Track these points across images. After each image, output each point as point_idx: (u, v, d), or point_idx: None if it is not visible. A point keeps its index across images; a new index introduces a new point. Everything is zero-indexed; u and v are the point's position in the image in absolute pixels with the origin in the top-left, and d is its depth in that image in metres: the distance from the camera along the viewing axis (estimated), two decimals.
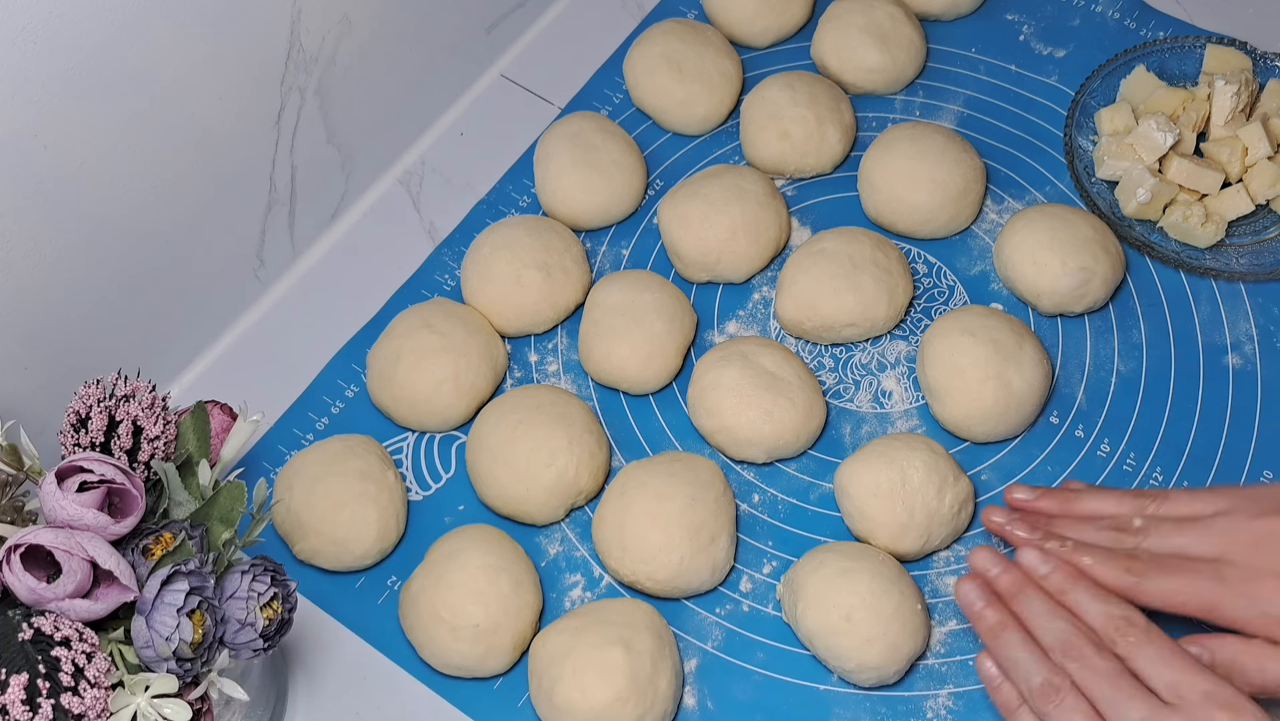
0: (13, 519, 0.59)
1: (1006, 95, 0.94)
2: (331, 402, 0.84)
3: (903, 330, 0.85)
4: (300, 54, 0.81)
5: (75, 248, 0.74)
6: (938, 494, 0.74)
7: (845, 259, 0.82)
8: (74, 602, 0.55)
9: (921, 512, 0.74)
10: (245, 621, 0.59)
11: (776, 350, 0.80)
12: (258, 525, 0.63)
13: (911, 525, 0.74)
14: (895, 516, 0.73)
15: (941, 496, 0.74)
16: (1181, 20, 0.97)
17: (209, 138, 0.78)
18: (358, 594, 0.77)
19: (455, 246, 0.90)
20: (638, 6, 1.01)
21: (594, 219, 0.89)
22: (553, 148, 0.90)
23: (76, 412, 0.61)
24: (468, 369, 0.81)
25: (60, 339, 0.76)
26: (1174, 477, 0.78)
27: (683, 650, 0.75)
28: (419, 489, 0.81)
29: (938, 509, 0.74)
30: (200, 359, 0.87)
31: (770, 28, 0.97)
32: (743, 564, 0.77)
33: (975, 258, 0.88)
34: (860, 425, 0.82)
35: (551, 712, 0.70)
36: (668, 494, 0.74)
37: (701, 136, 0.94)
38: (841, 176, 0.91)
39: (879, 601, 0.70)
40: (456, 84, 0.97)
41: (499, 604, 0.72)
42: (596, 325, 0.82)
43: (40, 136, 0.68)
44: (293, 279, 0.90)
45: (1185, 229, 0.85)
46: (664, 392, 0.83)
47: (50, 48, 0.66)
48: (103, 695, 0.55)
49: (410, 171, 0.94)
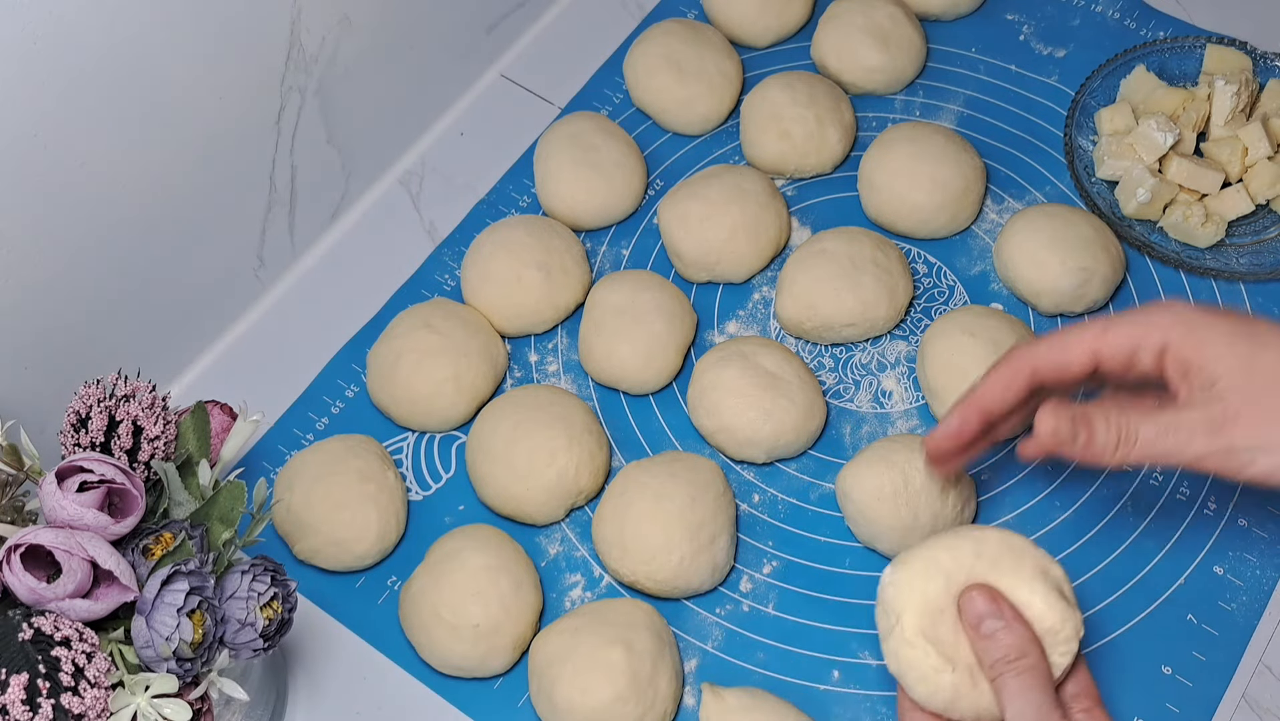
0: (13, 519, 0.59)
1: (1006, 95, 0.94)
2: (331, 403, 0.84)
3: (903, 330, 0.85)
4: (300, 54, 0.81)
5: (75, 248, 0.74)
6: (940, 494, 0.74)
7: (845, 259, 0.82)
8: (74, 602, 0.55)
9: (925, 514, 0.74)
10: (245, 621, 0.59)
11: (776, 350, 0.80)
12: (258, 525, 0.63)
13: (916, 527, 0.74)
14: (899, 519, 0.73)
15: (944, 496, 0.74)
16: (1181, 20, 0.97)
17: (209, 138, 0.78)
18: (358, 594, 0.77)
19: (455, 246, 0.90)
20: (638, 6, 1.01)
21: (594, 219, 0.89)
22: (553, 148, 0.90)
23: (76, 412, 0.61)
24: (468, 369, 0.81)
25: (60, 339, 0.76)
26: (1174, 478, 0.78)
27: (683, 650, 0.75)
28: (419, 489, 0.81)
29: (941, 509, 0.74)
30: (200, 359, 0.87)
31: (770, 28, 0.97)
32: (743, 564, 0.77)
33: (975, 258, 0.88)
34: (860, 425, 0.82)
35: (551, 712, 0.70)
36: (668, 494, 0.74)
37: (701, 136, 0.94)
38: (841, 176, 0.91)
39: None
40: (456, 84, 0.97)
41: (499, 604, 0.72)
42: (597, 325, 0.82)
43: (40, 137, 0.68)
44: (293, 279, 0.90)
45: (1185, 229, 0.85)
46: (664, 393, 0.83)
47: (51, 48, 0.66)
48: (103, 695, 0.55)
49: (410, 171, 0.94)
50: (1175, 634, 0.74)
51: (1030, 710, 0.57)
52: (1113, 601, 0.75)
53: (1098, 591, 0.75)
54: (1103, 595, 0.75)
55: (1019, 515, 0.78)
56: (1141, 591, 0.75)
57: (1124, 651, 0.73)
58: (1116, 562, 0.76)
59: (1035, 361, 0.63)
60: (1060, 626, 0.59)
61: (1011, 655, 0.58)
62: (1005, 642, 0.58)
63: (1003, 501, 0.78)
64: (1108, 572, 0.76)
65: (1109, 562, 0.76)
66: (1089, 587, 0.75)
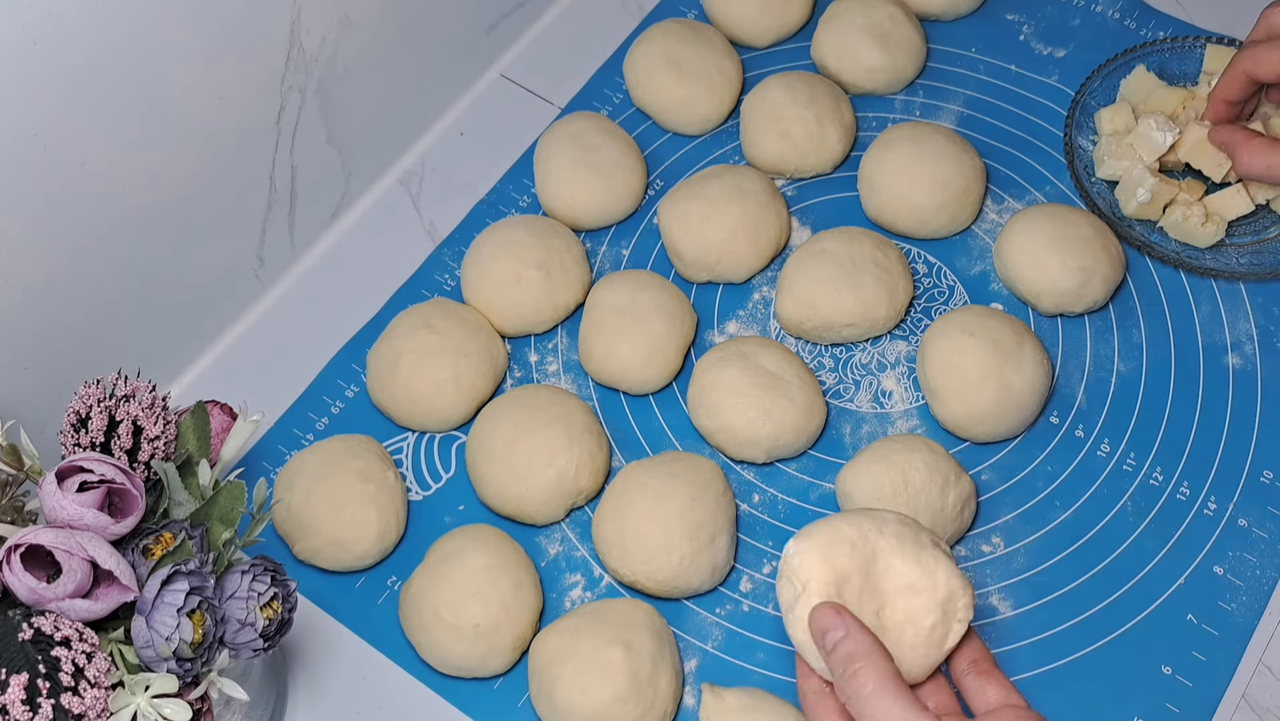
0: (13, 519, 0.59)
1: (1006, 95, 0.94)
2: (331, 403, 0.84)
3: (903, 330, 0.85)
4: (300, 54, 0.81)
5: (75, 248, 0.74)
6: (940, 494, 0.74)
7: (845, 259, 0.82)
8: (74, 602, 0.55)
9: (925, 513, 0.74)
10: (245, 621, 0.59)
11: (776, 350, 0.80)
12: (258, 525, 0.63)
13: None
14: None
15: (944, 496, 0.74)
16: (1181, 20, 0.97)
17: (209, 138, 0.78)
18: (358, 594, 0.78)
19: (455, 246, 0.90)
20: (638, 6, 1.01)
21: (594, 219, 0.89)
22: (553, 148, 0.90)
23: (76, 412, 0.61)
24: (468, 369, 0.81)
25: (60, 339, 0.76)
26: (1174, 478, 0.78)
27: (683, 650, 0.75)
28: (419, 489, 0.81)
29: (941, 508, 0.74)
30: (200, 359, 0.87)
31: (770, 28, 0.97)
32: (743, 564, 0.77)
33: (975, 258, 0.88)
34: (860, 425, 0.82)
35: (551, 712, 0.70)
36: (668, 494, 0.74)
37: (701, 136, 0.94)
38: (841, 176, 0.91)
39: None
40: (456, 84, 0.97)
41: (499, 604, 0.72)
42: (597, 325, 0.82)
43: (40, 137, 0.68)
44: (293, 279, 0.90)
45: (1185, 229, 0.85)
46: (664, 393, 0.83)
47: (51, 48, 0.66)
48: (103, 695, 0.55)
49: (410, 171, 0.94)
50: (1175, 634, 0.74)
51: (895, 712, 0.55)
52: (1113, 601, 0.75)
53: (1098, 591, 0.75)
54: (1103, 595, 0.75)
55: (1019, 515, 0.78)
56: (1141, 591, 0.75)
57: (1124, 651, 0.73)
58: (1116, 562, 0.76)
59: (1250, 67, 0.81)
60: (961, 592, 0.60)
61: (857, 660, 0.56)
62: (847, 650, 0.56)
63: (1003, 501, 0.78)
64: (1108, 572, 0.76)
65: (1109, 562, 0.76)
66: (1089, 587, 0.75)
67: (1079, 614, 0.75)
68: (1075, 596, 0.75)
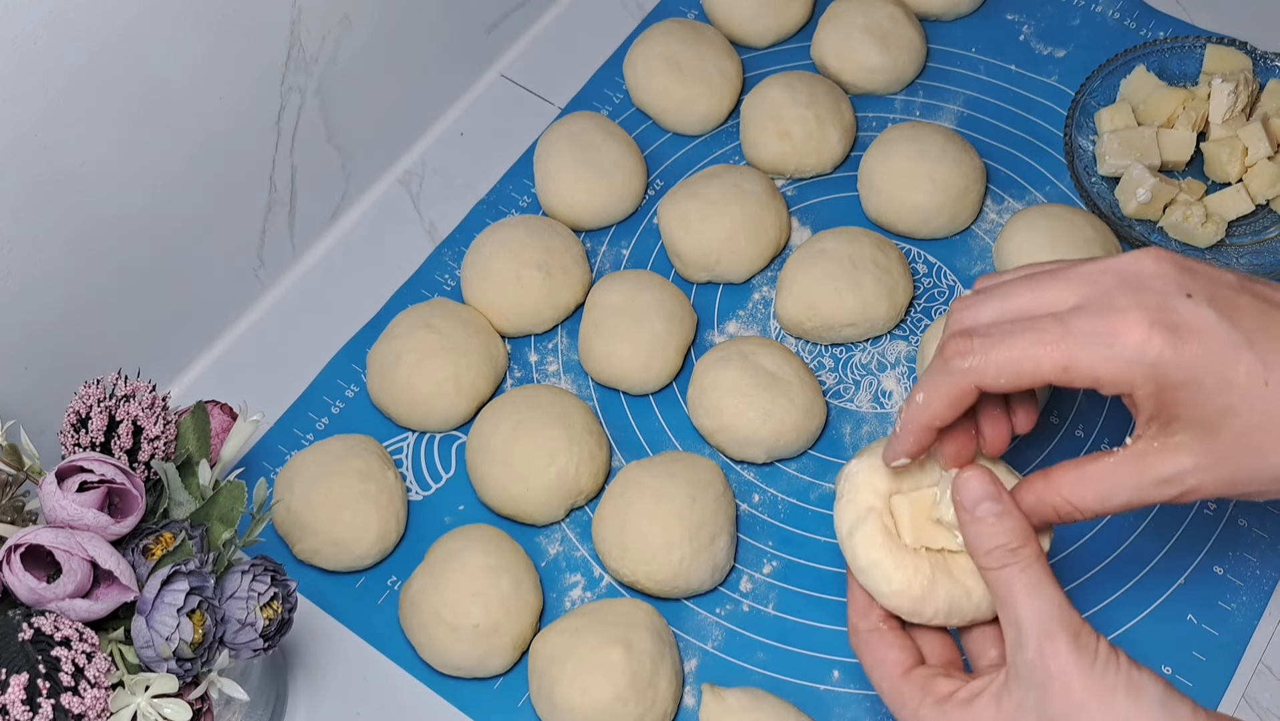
0: (13, 519, 0.59)
1: (1006, 95, 0.94)
2: (331, 403, 0.84)
3: (903, 330, 0.85)
4: (300, 54, 0.81)
5: (76, 248, 0.74)
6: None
7: (845, 259, 0.82)
8: (74, 602, 0.55)
9: None
10: (245, 621, 0.59)
11: (776, 350, 0.80)
12: (258, 525, 0.63)
13: None
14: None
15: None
16: (1181, 20, 0.97)
17: (209, 138, 0.78)
18: (358, 594, 0.78)
19: (455, 246, 0.90)
20: (638, 6, 1.01)
21: (594, 219, 0.89)
22: (553, 148, 0.90)
23: (76, 412, 0.61)
24: (468, 369, 0.81)
25: (60, 339, 0.76)
26: None
27: (683, 650, 0.75)
28: (419, 489, 0.81)
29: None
30: (200, 359, 0.87)
31: (770, 28, 0.97)
32: (743, 564, 0.77)
33: (975, 258, 0.88)
34: (860, 425, 0.82)
35: (551, 712, 0.70)
36: (668, 494, 0.74)
37: (701, 136, 0.94)
38: (841, 176, 0.91)
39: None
40: (456, 84, 0.97)
41: (499, 604, 0.72)
42: (597, 325, 0.82)
43: (40, 137, 0.68)
44: (293, 279, 0.90)
45: (1185, 229, 0.85)
46: (664, 393, 0.83)
47: (51, 48, 0.66)
48: (103, 695, 0.55)
49: (410, 171, 0.94)
50: (1175, 634, 0.74)
51: (1052, 609, 0.51)
52: (1113, 601, 0.75)
53: (1098, 591, 0.75)
54: (1103, 595, 0.75)
55: None
56: (1141, 591, 0.75)
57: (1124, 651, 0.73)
58: (1116, 562, 0.76)
59: (982, 381, 0.54)
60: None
61: (1013, 542, 0.52)
62: (1005, 527, 0.52)
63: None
64: (1108, 572, 0.76)
65: (1109, 562, 0.76)
66: (1089, 587, 0.75)
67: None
68: (1075, 596, 0.75)
